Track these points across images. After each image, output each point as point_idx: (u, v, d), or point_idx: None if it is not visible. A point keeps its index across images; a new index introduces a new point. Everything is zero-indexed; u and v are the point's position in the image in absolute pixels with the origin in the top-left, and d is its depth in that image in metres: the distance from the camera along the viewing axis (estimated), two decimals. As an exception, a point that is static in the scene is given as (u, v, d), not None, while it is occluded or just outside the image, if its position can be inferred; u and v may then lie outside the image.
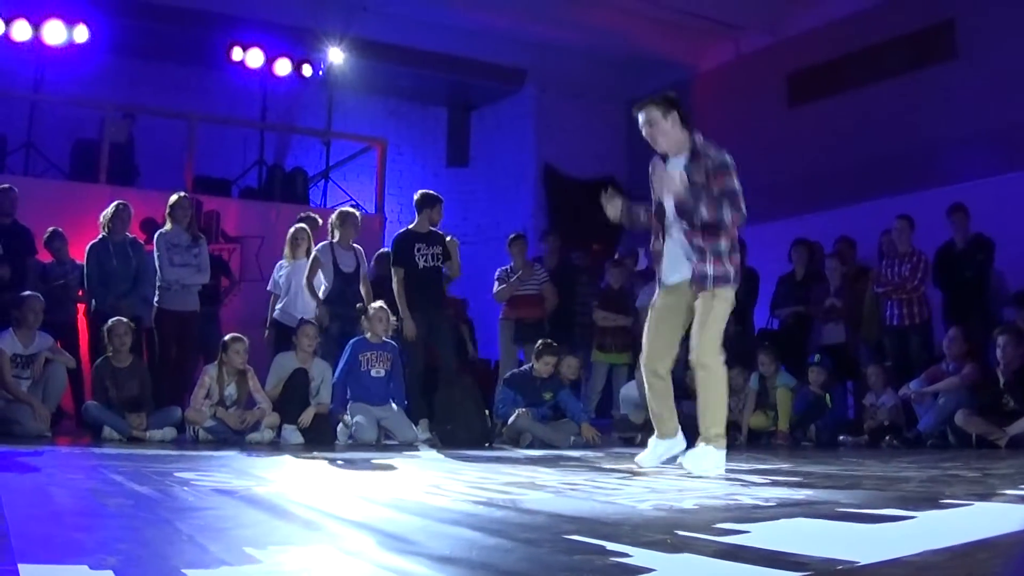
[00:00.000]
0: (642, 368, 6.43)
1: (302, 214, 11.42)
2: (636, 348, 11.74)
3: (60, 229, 10.80)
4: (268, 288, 10.98)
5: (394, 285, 10.06)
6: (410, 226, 10.32)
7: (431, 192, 10.38)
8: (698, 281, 5.96)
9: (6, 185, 10.91)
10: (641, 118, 6.16)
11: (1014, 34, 12.25)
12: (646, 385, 6.39)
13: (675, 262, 6.12)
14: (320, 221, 11.05)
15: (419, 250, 10.00)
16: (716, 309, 5.97)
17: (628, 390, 10.93)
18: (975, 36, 12.88)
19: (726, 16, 15.70)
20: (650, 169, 6.27)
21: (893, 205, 11.81)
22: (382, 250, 11.29)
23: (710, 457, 5.87)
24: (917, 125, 13.29)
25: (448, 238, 10.33)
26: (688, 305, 6.13)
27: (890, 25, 13.87)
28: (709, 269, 5.93)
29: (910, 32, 13.70)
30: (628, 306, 11.85)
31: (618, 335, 11.80)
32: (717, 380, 6.01)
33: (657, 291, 6.35)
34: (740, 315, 10.87)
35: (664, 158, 6.19)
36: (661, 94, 6.24)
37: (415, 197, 10.35)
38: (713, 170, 5.92)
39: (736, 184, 5.91)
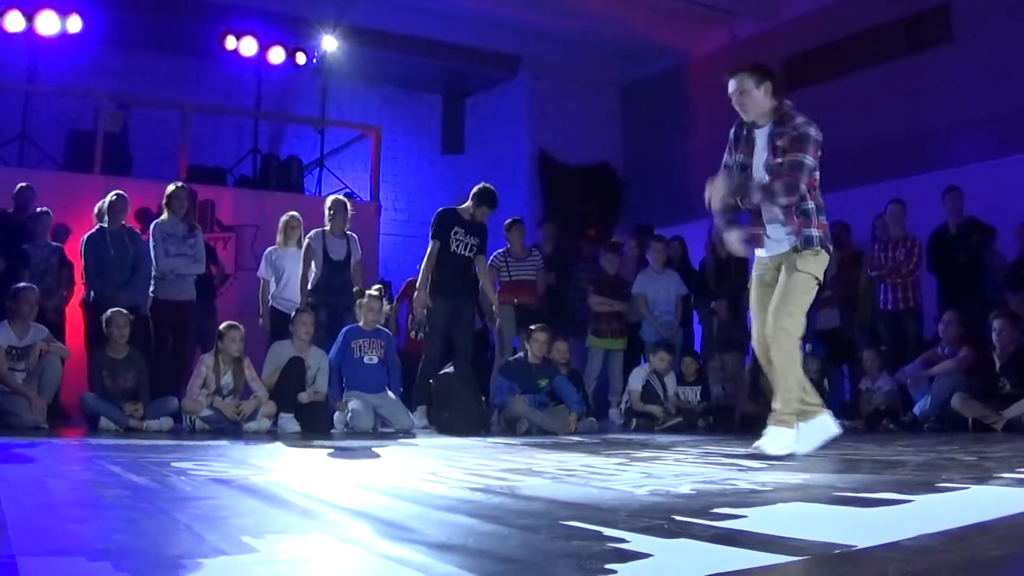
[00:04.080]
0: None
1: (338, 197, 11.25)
2: (632, 333, 11.79)
3: (48, 210, 10.77)
4: (258, 274, 10.97)
5: (425, 256, 10.11)
6: (458, 207, 10.32)
7: (487, 192, 10.22)
8: (800, 241, 5.94)
9: (25, 184, 10.96)
10: (732, 85, 6.13)
11: (1009, 17, 12.23)
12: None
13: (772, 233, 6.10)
14: (349, 205, 10.97)
15: (455, 233, 10.01)
16: (798, 279, 5.98)
17: (635, 379, 10.89)
18: (970, 20, 12.86)
19: (721, 1, 15.67)
20: (734, 132, 6.27)
21: (889, 189, 11.81)
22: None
23: (780, 438, 5.93)
24: (912, 109, 13.28)
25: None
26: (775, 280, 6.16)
27: (885, 9, 13.85)
28: (797, 229, 5.93)
29: (905, 16, 13.68)
30: (623, 292, 11.86)
31: (613, 320, 11.80)
32: (786, 354, 6.07)
33: (754, 267, 6.34)
34: (733, 301, 10.91)
35: (751, 126, 6.18)
36: (755, 63, 6.23)
37: (476, 187, 10.33)
38: (792, 139, 5.94)
39: (805, 159, 5.89)
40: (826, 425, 6.11)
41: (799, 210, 5.91)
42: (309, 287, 10.27)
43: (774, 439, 5.92)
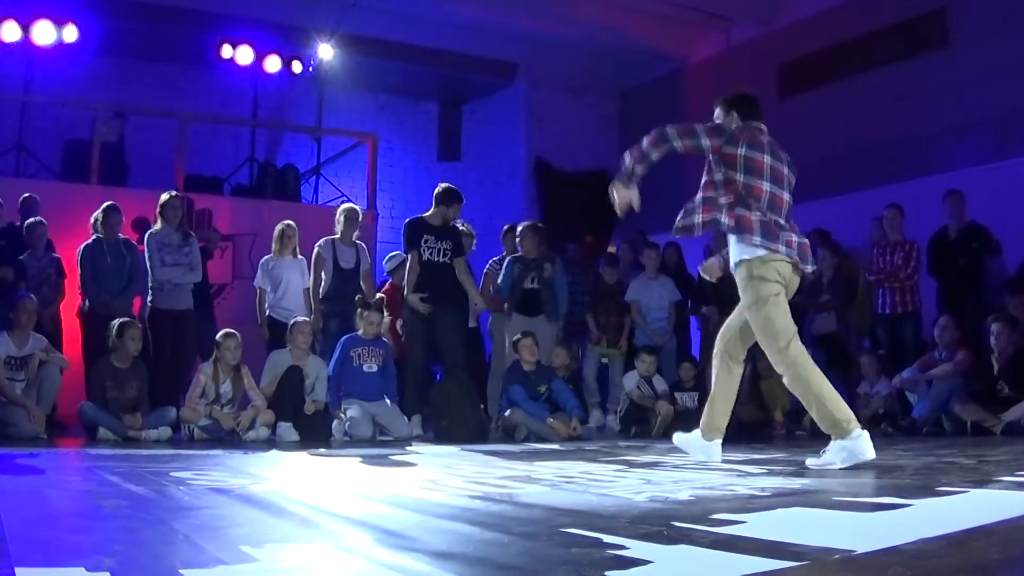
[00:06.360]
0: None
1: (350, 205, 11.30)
2: (629, 340, 11.73)
3: (43, 220, 10.74)
4: (255, 283, 10.93)
5: (407, 269, 10.10)
6: (423, 215, 10.29)
7: (453, 189, 10.26)
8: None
9: (28, 194, 11.03)
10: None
11: (1005, 21, 12.25)
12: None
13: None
14: (360, 214, 11.02)
15: (426, 242, 9.99)
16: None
17: (628, 381, 10.88)
18: (966, 23, 12.88)
19: (717, 7, 15.70)
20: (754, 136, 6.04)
21: (886, 194, 11.81)
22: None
23: (693, 444, 6.10)
24: (909, 114, 13.30)
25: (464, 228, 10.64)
26: None
27: (881, 14, 13.87)
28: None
29: (901, 20, 13.70)
30: (619, 300, 11.81)
31: (607, 329, 11.76)
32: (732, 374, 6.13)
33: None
34: (723, 306, 10.93)
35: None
36: (734, 93, 6.26)
37: (437, 189, 10.31)
38: None
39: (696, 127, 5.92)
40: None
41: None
42: (320, 296, 10.30)
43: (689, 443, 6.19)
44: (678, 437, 6.29)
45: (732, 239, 5.83)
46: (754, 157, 5.78)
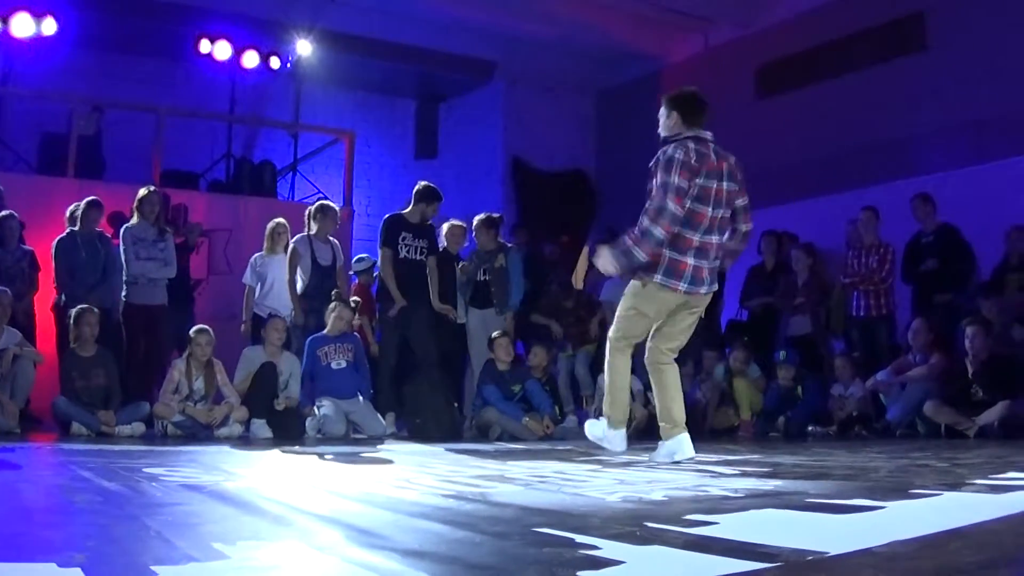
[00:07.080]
0: None
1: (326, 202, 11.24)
2: (601, 341, 11.70)
3: (15, 213, 10.64)
4: (243, 280, 10.89)
5: (380, 266, 10.08)
6: (402, 212, 10.27)
7: (433, 188, 10.26)
8: None
9: None
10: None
11: (983, 26, 12.30)
12: None
13: None
14: (338, 211, 11.01)
15: (403, 239, 9.98)
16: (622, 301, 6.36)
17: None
18: (944, 28, 12.91)
19: (695, 8, 15.70)
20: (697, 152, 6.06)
21: (862, 196, 11.86)
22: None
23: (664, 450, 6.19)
24: (886, 117, 13.32)
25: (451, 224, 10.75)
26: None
27: (859, 17, 13.90)
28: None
29: (879, 24, 13.73)
30: (580, 314, 11.75)
31: (573, 332, 11.73)
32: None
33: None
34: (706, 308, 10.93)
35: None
36: (679, 92, 6.28)
37: (416, 187, 10.30)
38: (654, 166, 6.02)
39: (665, 177, 5.95)
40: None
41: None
42: (299, 294, 10.25)
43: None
44: (656, 456, 6.25)
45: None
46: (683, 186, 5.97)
